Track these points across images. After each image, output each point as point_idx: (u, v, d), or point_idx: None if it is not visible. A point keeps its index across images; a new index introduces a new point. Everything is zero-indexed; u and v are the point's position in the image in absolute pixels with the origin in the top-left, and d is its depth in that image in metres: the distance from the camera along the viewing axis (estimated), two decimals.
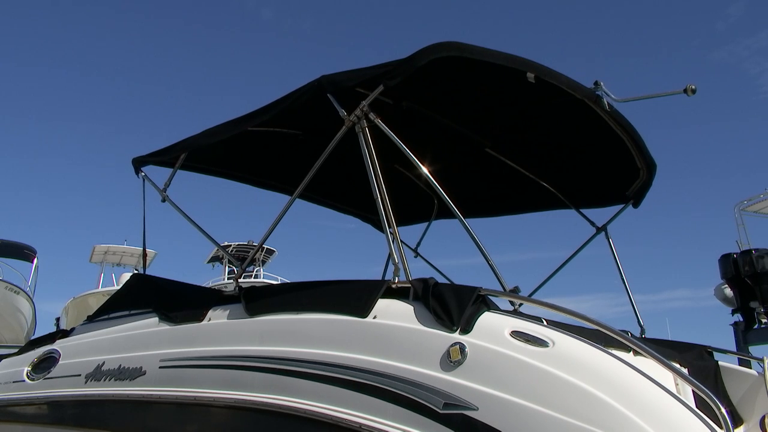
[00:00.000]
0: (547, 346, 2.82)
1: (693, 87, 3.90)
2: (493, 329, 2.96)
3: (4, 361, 5.55)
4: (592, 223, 5.35)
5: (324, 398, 3.23)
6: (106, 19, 75.66)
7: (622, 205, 5.24)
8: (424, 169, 3.86)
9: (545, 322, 3.09)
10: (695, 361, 4.10)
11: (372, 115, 3.82)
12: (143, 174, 5.37)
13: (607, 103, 4.15)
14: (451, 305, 3.08)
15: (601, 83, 4.15)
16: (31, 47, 70.72)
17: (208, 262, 27.30)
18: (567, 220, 5.70)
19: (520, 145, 5.29)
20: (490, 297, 3.21)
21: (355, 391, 3.13)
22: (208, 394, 3.80)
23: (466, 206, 3.94)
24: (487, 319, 3.04)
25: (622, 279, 5.04)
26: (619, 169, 5.02)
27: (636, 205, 5.21)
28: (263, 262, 24.83)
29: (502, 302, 3.51)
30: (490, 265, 3.61)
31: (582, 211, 5.54)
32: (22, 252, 23.17)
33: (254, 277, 24.00)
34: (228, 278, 24.52)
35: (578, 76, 4.09)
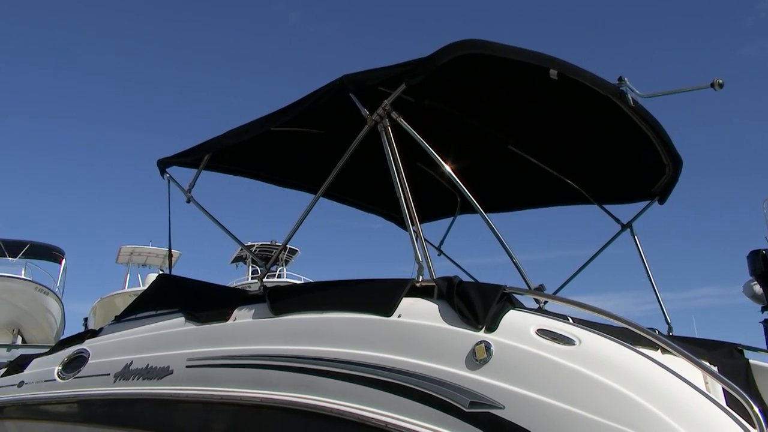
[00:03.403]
0: (574, 344, 2.80)
1: (720, 81, 3.83)
2: (518, 327, 2.95)
3: (35, 360, 5.64)
4: (617, 220, 5.29)
5: (350, 397, 3.24)
6: (135, 24, 76.62)
7: (648, 202, 5.17)
8: (447, 167, 3.85)
9: (571, 320, 3.07)
10: (725, 360, 4.03)
11: (394, 114, 3.83)
12: (168, 175, 5.43)
13: (632, 98, 4.10)
14: (476, 303, 3.07)
15: (626, 79, 4.11)
16: (60, 51, 71.95)
17: (232, 262, 27.55)
18: (591, 217, 5.65)
19: (543, 142, 5.25)
20: (515, 295, 3.19)
21: (381, 390, 3.14)
22: (234, 393, 3.83)
23: (489, 203, 3.93)
24: (512, 317, 3.02)
25: (649, 276, 4.98)
26: (644, 166, 4.96)
27: (662, 201, 5.14)
28: (286, 262, 24.97)
29: (527, 300, 3.49)
30: (515, 263, 3.60)
31: (606, 208, 5.48)
32: (50, 253, 23.57)
33: (277, 277, 24.15)
34: (252, 278, 24.68)
35: (602, 74, 4.06)
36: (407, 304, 3.35)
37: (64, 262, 23.63)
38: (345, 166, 4.11)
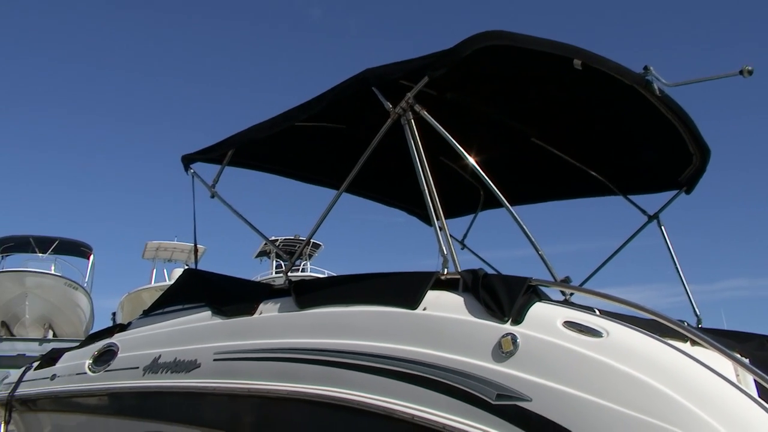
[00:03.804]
0: (602, 336, 2.78)
1: (749, 68, 3.76)
2: (545, 319, 2.94)
3: (66, 354, 5.75)
4: (644, 211, 5.23)
5: (376, 390, 3.26)
6: (159, 20, 77.38)
7: (675, 192, 5.11)
8: (471, 160, 3.84)
9: (598, 312, 3.05)
10: (756, 351, 3.97)
11: (417, 107, 3.83)
12: (192, 171, 5.48)
13: (658, 88, 4.05)
14: (501, 296, 3.06)
15: (651, 68, 4.05)
16: (87, 47, 72.98)
17: (256, 256, 27.74)
18: (616, 209, 5.60)
19: (567, 134, 5.21)
20: (541, 287, 3.18)
21: (406, 383, 3.15)
22: (261, 386, 3.87)
23: (513, 196, 3.91)
24: (538, 309, 3.01)
25: (676, 268, 4.92)
26: (670, 156, 4.90)
27: (689, 191, 5.08)
28: (310, 256, 25.08)
29: (553, 293, 3.47)
30: (540, 255, 3.58)
31: (632, 199, 5.43)
32: (79, 249, 23.98)
33: (301, 271, 24.28)
34: (276, 272, 24.85)
35: (628, 64, 4.01)
36: (432, 296, 3.35)
37: (92, 257, 24.06)
38: (368, 160, 4.11)
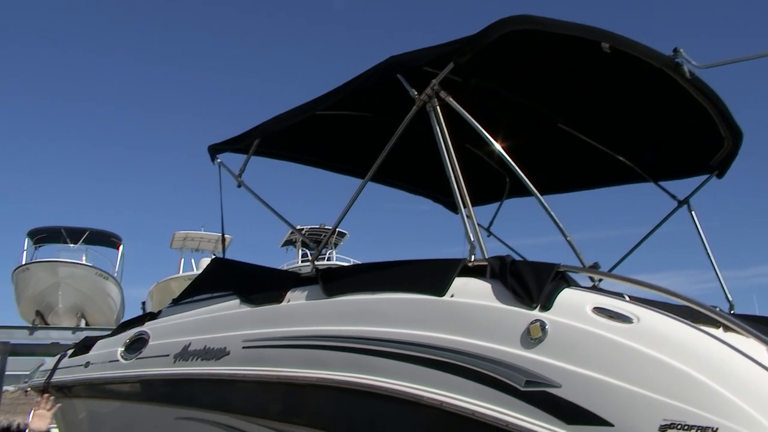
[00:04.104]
0: (632, 323, 2.76)
1: None
2: (574, 306, 2.92)
3: (99, 342, 5.86)
4: (673, 197, 5.15)
5: (404, 376, 3.27)
6: (186, 14, 78.06)
7: (706, 177, 5.02)
8: (498, 146, 3.81)
9: (628, 298, 3.02)
10: None
11: (443, 94, 3.81)
12: (219, 161, 5.53)
13: (688, 70, 3.97)
14: (529, 282, 3.05)
15: (681, 50, 3.98)
16: (117, 39, 73.87)
17: (282, 245, 27.88)
18: (645, 194, 5.51)
19: (594, 119, 5.14)
20: (570, 273, 3.16)
21: (434, 369, 3.16)
22: (290, 374, 3.91)
23: (540, 183, 3.88)
24: (567, 295, 3.00)
25: (707, 253, 4.84)
26: (701, 139, 4.81)
27: (720, 175, 4.98)
28: (336, 245, 25.16)
29: (582, 279, 3.44)
30: (568, 241, 3.55)
31: (661, 184, 5.34)
32: (108, 239, 24.37)
33: (327, 260, 24.40)
34: (302, 261, 24.99)
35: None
36: (460, 283, 3.35)
37: (121, 247, 24.40)
38: (393, 148, 4.11)
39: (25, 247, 23.11)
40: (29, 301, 21.08)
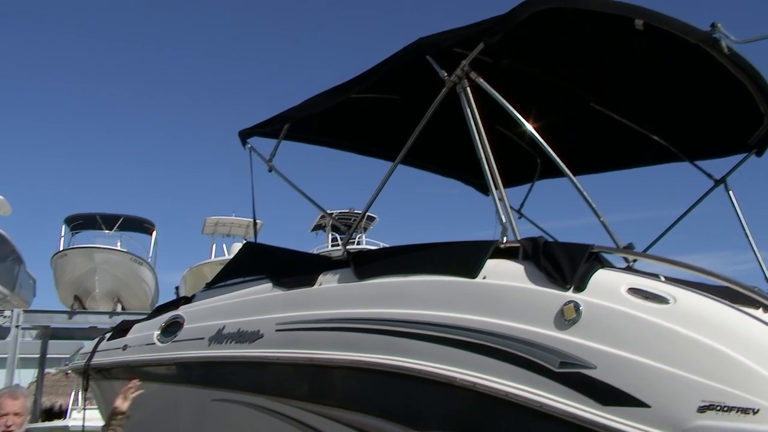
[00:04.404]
0: (669, 303, 2.72)
1: None
2: (608, 286, 2.89)
3: (136, 325, 5.98)
4: (710, 176, 5.04)
5: (436, 358, 3.28)
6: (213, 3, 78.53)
7: (744, 155, 4.90)
8: (529, 126, 3.77)
9: (663, 279, 2.98)
10: None
11: (473, 74, 3.77)
12: (249, 146, 5.56)
13: (726, 45, 3.86)
14: (562, 263, 3.03)
15: (719, 25, 3.86)
16: (147, 27, 74.68)
17: (312, 230, 28.01)
18: (680, 174, 5.40)
19: (627, 98, 5.04)
20: (604, 254, 3.12)
21: (467, 351, 3.16)
22: (323, 356, 3.95)
23: (572, 164, 3.83)
24: (601, 276, 2.97)
25: (746, 233, 4.73)
26: (739, 117, 4.69)
27: (759, 153, 4.85)
28: (365, 229, 25.20)
29: (616, 260, 3.40)
30: (602, 222, 3.51)
31: (697, 163, 5.23)
32: (142, 225, 24.80)
33: (357, 244, 24.48)
34: (332, 246, 25.10)
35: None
36: (492, 265, 3.34)
37: (154, 233, 24.82)
38: (423, 131, 4.09)
39: (63, 234, 23.64)
40: (67, 286, 21.61)
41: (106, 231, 23.72)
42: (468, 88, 3.77)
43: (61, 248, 22.26)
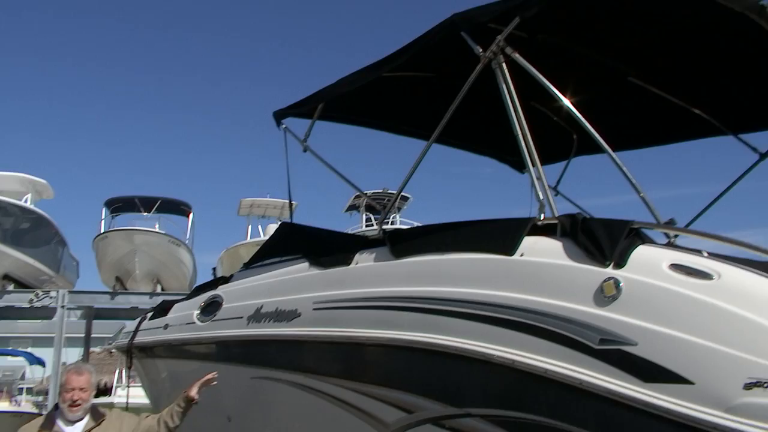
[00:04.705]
0: (712, 279, 2.67)
1: None
2: (649, 263, 2.85)
3: (176, 305, 6.10)
4: (755, 150, 4.90)
5: (474, 336, 3.28)
6: None
7: None
8: (567, 101, 3.71)
9: (707, 254, 2.92)
10: None
11: (508, 50, 3.72)
12: (284, 126, 5.58)
13: None
14: (602, 240, 2.99)
15: None
16: (183, 11, 75.33)
17: (346, 210, 28.09)
18: (723, 148, 5.26)
19: (667, 70, 4.91)
20: (644, 230, 3.07)
21: (505, 329, 3.15)
22: (360, 334, 3.99)
23: (611, 139, 3.76)
24: (642, 252, 2.92)
25: None
26: None
27: None
28: (399, 209, 25.16)
29: (657, 236, 3.34)
30: (642, 197, 3.45)
31: (741, 136, 5.08)
32: (179, 208, 25.17)
33: (390, 224, 24.51)
34: (366, 226, 25.15)
35: None
36: (529, 242, 3.31)
37: (191, 215, 25.18)
38: (457, 108, 4.05)
39: (103, 216, 24.15)
40: (109, 268, 22.12)
41: (145, 213, 24.15)
42: (504, 64, 3.72)
43: (102, 231, 22.75)
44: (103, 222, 23.94)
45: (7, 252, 19.65)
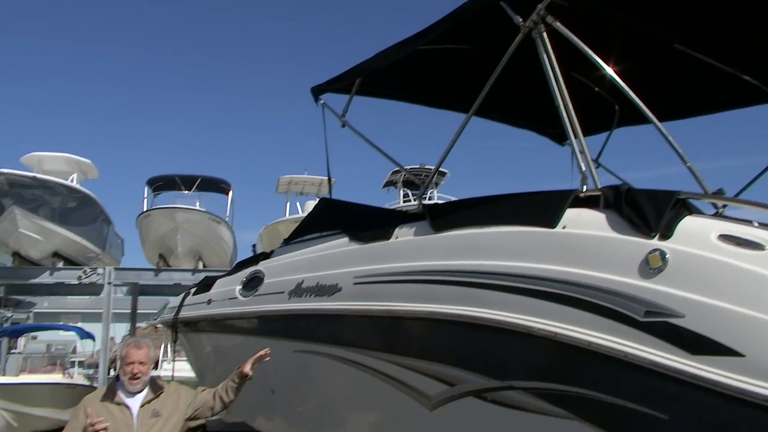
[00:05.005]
0: (764, 249, 2.60)
1: None
2: (697, 233, 2.78)
3: (219, 280, 6.22)
4: None
5: (515, 309, 3.27)
6: None
7: None
8: (610, 70, 3.62)
9: (757, 224, 2.84)
10: None
11: (549, 18, 3.64)
12: (322, 102, 5.58)
13: None
14: (647, 211, 2.93)
15: None
16: None
17: (383, 186, 28.05)
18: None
19: (714, 36, 4.73)
20: (691, 200, 3.00)
21: (547, 301, 3.13)
22: (401, 308, 4.00)
23: (655, 109, 3.66)
24: (689, 223, 2.86)
25: None
26: None
27: None
28: (436, 185, 25.01)
29: (705, 206, 3.25)
30: (689, 167, 3.36)
31: None
32: (218, 186, 25.51)
33: (428, 200, 24.44)
34: (404, 202, 25.13)
35: None
36: (572, 214, 3.27)
37: (230, 193, 25.50)
38: (496, 80, 3.99)
39: (146, 195, 24.66)
40: (152, 245, 22.60)
41: (185, 191, 24.55)
42: (544, 33, 3.64)
43: (145, 209, 23.23)
44: (145, 200, 24.46)
45: (57, 230, 20.26)
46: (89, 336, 21.00)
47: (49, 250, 20.54)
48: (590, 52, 3.55)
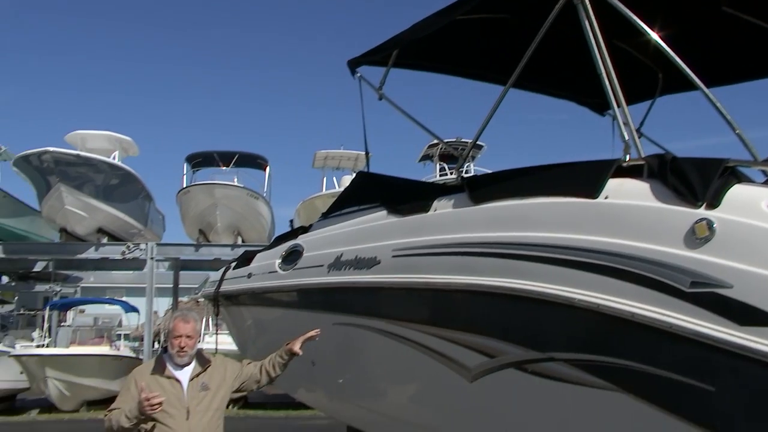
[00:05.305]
0: None
1: None
2: (747, 202, 2.71)
3: (259, 254, 6.29)
4: None
5: (557, 280, 3.24)
6: None
7: None
8: (654, 35, 3.51)
9: None
10: None
11: None
12: (359, 75, 5.55)
13: None
14: (693, 180, 2.86)
15: None
16: None
17: (420, 161, 27.92)
18: None
19: None
20: (740, 168, 2.91)
21: (590, 273, 3.09)
22: (440, 280, 4.00)
23: (702, 75, 3.54)
24: (738, 191, 2.78)
25: None
26: None
27: None
28: (473, 158, 24.79)
29: (755, 174, 3.16)
30: (737, 134, 3.26)
31: None
32: (256, 161, 25.73)
33: (466, 173, 24.26)
34: (440, 176, 25.00)
35: None
36: (614, 184, 3.21)
37: (268, 168, 25.70)
38: (535, 50, 3.91)
39: (185, 171, 25.03)
40: (192, 221, 23.01)
41: (224, 168, 24.83)
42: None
43: (184, 185, 23.60)
44: (185, 177, 24.84)
45: (100, 206, 20.80)
46: (134, 310, 21.61)
47: (93, 226, 21.13)
48: (634, 17, 3.44)
